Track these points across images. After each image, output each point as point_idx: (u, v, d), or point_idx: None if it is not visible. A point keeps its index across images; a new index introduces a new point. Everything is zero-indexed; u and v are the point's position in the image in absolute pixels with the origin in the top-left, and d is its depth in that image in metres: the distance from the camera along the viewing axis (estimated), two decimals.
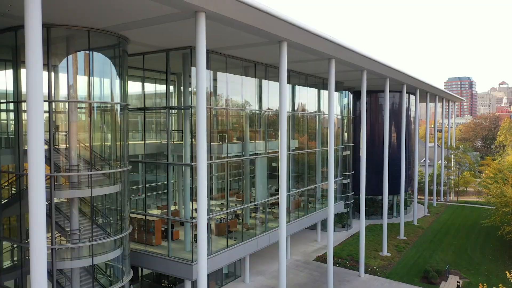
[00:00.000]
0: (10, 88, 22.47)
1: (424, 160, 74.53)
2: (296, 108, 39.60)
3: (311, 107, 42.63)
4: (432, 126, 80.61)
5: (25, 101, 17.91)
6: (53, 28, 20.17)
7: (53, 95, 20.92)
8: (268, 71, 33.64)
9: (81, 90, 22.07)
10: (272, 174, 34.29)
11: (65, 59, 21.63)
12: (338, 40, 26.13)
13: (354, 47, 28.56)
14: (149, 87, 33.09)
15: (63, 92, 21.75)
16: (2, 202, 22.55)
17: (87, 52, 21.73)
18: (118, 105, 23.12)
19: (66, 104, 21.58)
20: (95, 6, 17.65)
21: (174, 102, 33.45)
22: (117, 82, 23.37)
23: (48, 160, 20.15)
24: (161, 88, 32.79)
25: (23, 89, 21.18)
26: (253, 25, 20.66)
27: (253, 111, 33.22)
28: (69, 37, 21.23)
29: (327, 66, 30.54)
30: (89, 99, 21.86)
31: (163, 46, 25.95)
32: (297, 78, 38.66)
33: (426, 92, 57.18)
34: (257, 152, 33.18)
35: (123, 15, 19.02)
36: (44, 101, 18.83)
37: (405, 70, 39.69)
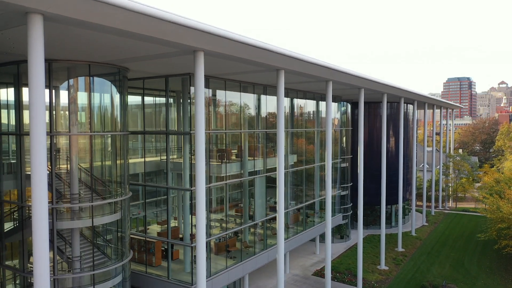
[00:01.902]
0: (12, 99, 22.93)
1: (422, 166, 74.60)
2: (294, 120, 39.99)
3: (309, 120, 43.02)
4: (431, 129, 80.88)
5: (27, 134, 18.34)
6: (55, 63, 20.62)
7: (54, 124, 21.49)
8: (267, 89, 34.06)
9: (82, 120, 22.54)
10: (271, 186, 34.60)
11: (66, 82, 22.12)
12: (334, 65, 26.57)
13: (350, 70, 29.02)
14: (149, 99, 33.34)
15: (64, 121, 22.26)
16: (5, 230, 23.01)
17: (88, 79, 22.24)
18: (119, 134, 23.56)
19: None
20: (97, 46, 18.06)
21: (174, 116, 33.52)
22: (117, 107, 23.78)
23: (50, 186, 20.65)
24: (161, 99, 32.98)
25: (25, 107, 21.72)
26: (251, 59, 21.10)
27: (252, 130, 33.60)
28: (70, 68, 21.67)
29: (325, 86, 30.99)
30: (89, 125, 22.27)
31: (162, 73, 26.39)
32: (295, 93, 39.05)
33: (424, 102, 57.59)
34: (256, 169, 33.54)
35: (124, 53, 19.47)
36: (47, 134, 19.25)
37: (402, 86, 40.14)
